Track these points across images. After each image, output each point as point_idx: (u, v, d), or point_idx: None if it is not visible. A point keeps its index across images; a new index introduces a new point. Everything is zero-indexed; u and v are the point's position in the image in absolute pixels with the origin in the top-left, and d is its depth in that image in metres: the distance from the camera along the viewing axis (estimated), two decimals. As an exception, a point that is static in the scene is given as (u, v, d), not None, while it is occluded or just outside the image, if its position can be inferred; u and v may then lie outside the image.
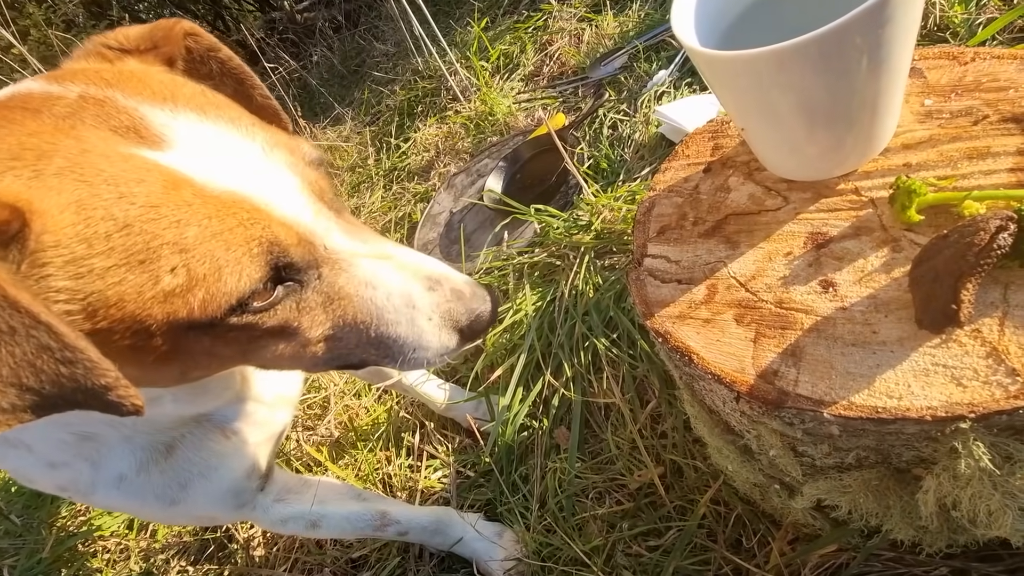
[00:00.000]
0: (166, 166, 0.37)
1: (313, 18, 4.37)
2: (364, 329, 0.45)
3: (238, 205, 0.38)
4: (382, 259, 0.45)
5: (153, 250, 0.35)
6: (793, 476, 0.49)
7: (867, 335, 0.41)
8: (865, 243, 0.46)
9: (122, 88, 0.40)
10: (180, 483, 0.54)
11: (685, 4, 0.45)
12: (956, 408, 0.36)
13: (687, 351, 0.48)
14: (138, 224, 0.35)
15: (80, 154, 0.35)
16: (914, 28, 0.39)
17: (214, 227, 0.36)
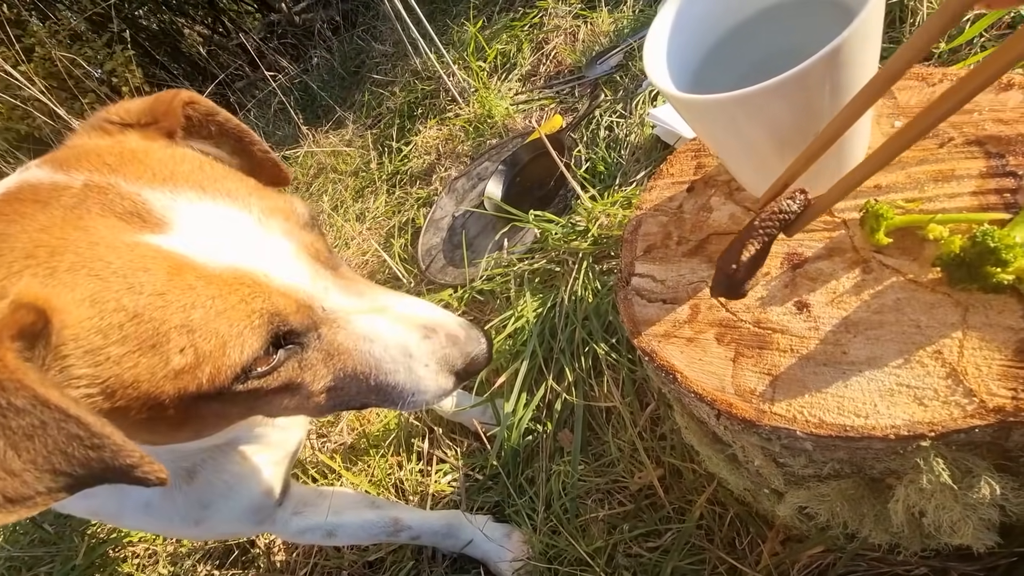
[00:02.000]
0: (168, 251, 0.40)
1: (311, 19, 4.38)
2: (364, 379, 0.48)
3: (239, 281, 0.41)
4: (378, 313, 0.48)
5: (163, 334, 0.38)
6: (776, 485, 0.52)
7: (838, 355, 0.44)
8: (838, 264, 0.48)
9: (124, 173, 0.42)
10: (203, 504, 0.57)
11: (656, 47, 0.47)
12: (917, 427, 0.38)
13: (671, 369, 0.51)
14: (147, 312, 0.38)
15: (89, 247, 0.38)
16: (873, 62, 0.41)
17: (217, 306, 0.39)
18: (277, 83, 3.48)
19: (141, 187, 0.42)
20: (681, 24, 0.49)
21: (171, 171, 0.44)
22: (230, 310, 0.40)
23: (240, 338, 0.40)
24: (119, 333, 0.37)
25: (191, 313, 0.39)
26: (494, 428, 1.05)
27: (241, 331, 0.40)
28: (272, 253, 0.44)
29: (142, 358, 0.38)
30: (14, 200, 0.40)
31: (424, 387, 0.49)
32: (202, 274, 0.40)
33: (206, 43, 5.14)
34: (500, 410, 1.05)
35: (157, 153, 0.46)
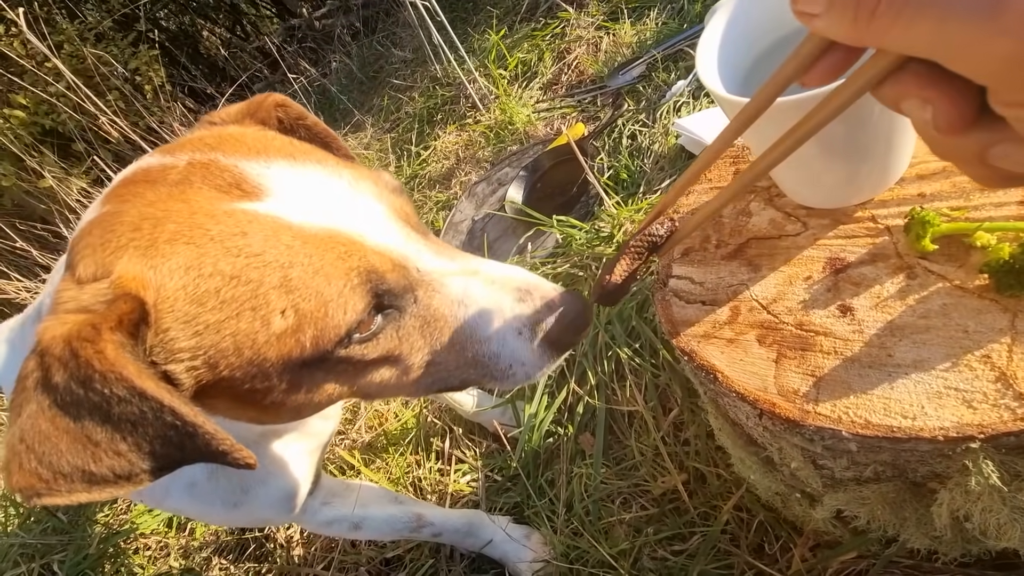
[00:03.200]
0: (265, 214, 0.40)
1: (331, 25, 4.44)
2: (460, 350, 0.47)
3: (334, 240, 0.41)
4: (471, 275, 0.46)
5: (261, 296, 0.38)
6: (813, 487, 0.52)
7: (883, 358, 0.44)
8: (881, 269, 0.48)
9: (223, 149, 0.44)
10: (243, 488, 0.58)
11: (709, 48, 0.48)
12: (967, 429, 0.39)
13: (712, 369, 0.52)
14: (244, 274, 0.38)
15: (189, 217, 0.39)
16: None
17: (315, 264, 0.39)
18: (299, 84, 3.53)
19: (238, 159, 0.43)
20: (732, 32, 0.50)
21: (264, 146, 0.45)
22: (328, 267, 0.40)
23: (341, 297, 0.40)
24: (216, 299, 0.37)
25: (289, 272, 0.38)
26: (514, 430, 1.06)
27: (341, 290, 0.40)
28: (365, 215, 0.44)
29: (242, 323, 0.38)
30: (129, 183, 0.42)
31: (521, 357, 0.47)
32: (298, 234, 0.40)
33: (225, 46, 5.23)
34: (520, 412, 1.05)
35: (252, 134, 0.48)
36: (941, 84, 0.23)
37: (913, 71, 0.24)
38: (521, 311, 0.46)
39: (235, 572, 1.18)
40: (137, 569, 1.40)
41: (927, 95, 0.24)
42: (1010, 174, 0.25)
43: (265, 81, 4.56)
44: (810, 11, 0.25)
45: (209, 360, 0.38)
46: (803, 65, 0.30)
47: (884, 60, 0.25)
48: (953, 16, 0.20)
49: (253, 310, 0.38)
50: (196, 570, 1.28)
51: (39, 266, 2.52)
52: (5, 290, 2.44)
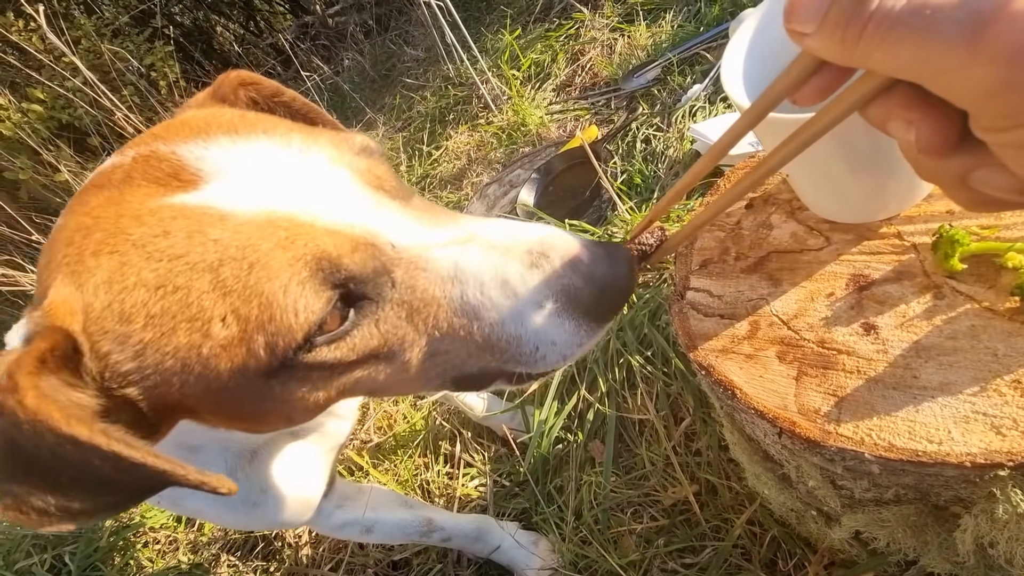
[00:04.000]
0: (194, 206, 0.34)
1: (344, 22, 4.45)
2: (466, 336, 0.38)
3: (272, 225, 0.34)
4: (465, 243, 0.37)
5: (195, 304, 0.32)
6: (831, 507, 0.52)
7: (908, 379, 0.43)
8: (907, 288, 0.47)
9: (164, 137, 0.38)
10: (261, 488, 0.56)
11: (734, 58, 0.48)
12: (995, 456, 0.38)
13: (730, 385, 0.51)
14: (170, 281, 0.32)
15: (115, 221, 0.34)
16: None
17: (249, 258, 0.33)
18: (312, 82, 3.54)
19: (176, 146, 0.37)
20: (758, 42, 0.49)
21: (206, 124, 0.38)
22: (266, 260, 0.33)
23: (288, 295, 0.33)
24: (145, 313, 0.32)
25: (220, 272, 0.32)
26: (523, 435, 1.05)
27: (285, 285, 0.33)
28: (316, 187, 0.36)
29: (180, 337, 0.33)
30: (83, 191, 0.38)
31: (547, 336, 0.37)
32: (229, 225, 0.33)
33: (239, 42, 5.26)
34: (530, 417, 1.05)
35: (198, 115, 0.41)
36: (925, 107, 0.24)
37: (899, 93, 0.25)
38: (537, 279, 0.37)
39: (243, 569, 1.19)
40: (146, 563, 1.41)
41: (911, 117, 0.25)
42: (991, 198, 0.26)
43: (278, 78, 4.58)
44: (801, 30, 0.25)
45: (161, 379, 0.34)
46: (794, 83, 0.30)
47: (872, 81, 0.25)
48: (935, 41, 0.20)
49: (189, 321, 0.33)
50: (204, 565, 1.29)
51: (54, 259, 2.54)
52: (20, 282, 2.47)
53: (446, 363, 0.40)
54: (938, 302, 0.45)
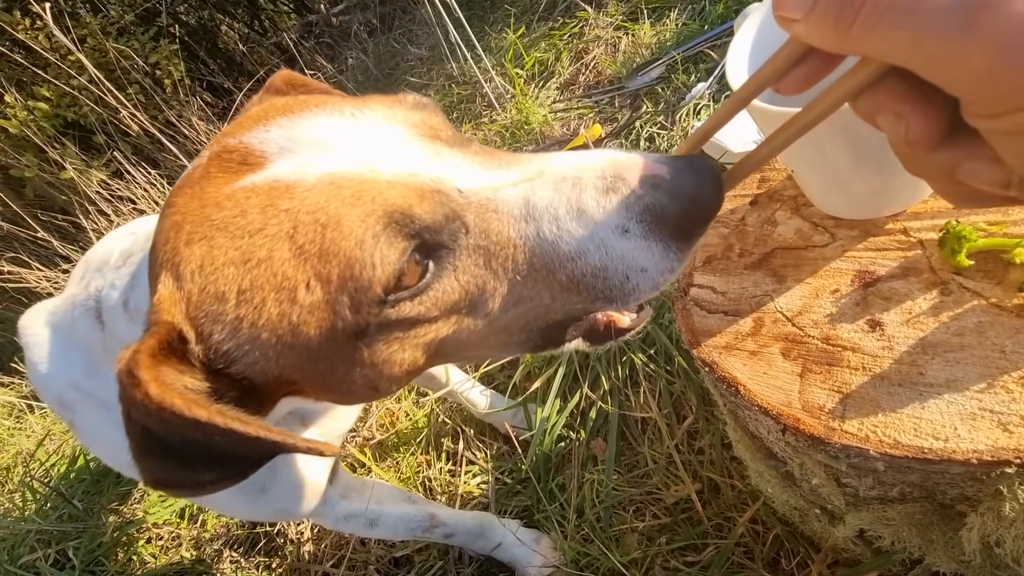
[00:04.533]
0: (263, 183, 0.36)
1: (348, 21, 4.46)
2: (549, 276, 0.37)
3: (337, 186, 0.35)
4: (533, 179, 0.37)
5: (279, 274, 0.34)
6: (835, 505, 0.51)
7: (914, 376, 0.43)
8: (913, 284, 0.47)
9: (231, 133, 0.41)
10: (272, 467, 0.55)
11: (739, 53, 0.47)
12: (1002, 453, 0.37)
13: (734, 382, 0.51)
14: (253, 255, 0.34)
15: (200, 210, 0.37)
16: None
17: (321, 219, 0.34)
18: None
19: (242, 135, 0.39)
20: (762, 37, 0.49)
21: (265, 112, 0.41)
22: (336, 220, 0.34)
23: (363, 249, 0.34)
24: (236, 289, 0.34)
25: (296, 238, 0.34)
26: (525, 432, 1.05)
27: (360, 240, 0.34)
28: (373, 145, 0.37)
29: (269, 308, 0.35)
30: (171, 196, 0.41)
31: (636, 262, 0.36)
32: (296, 193, 0.35)
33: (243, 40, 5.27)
34: (532, 415, 1.05)
35: (257, 108, 0.44)
36: (914, 100, 0.24)
37: (888, 86, 0.25)
38: (615, 203, 0.35)
39: (245, 565, 1.19)
40: (149, 558, 1.41)
41: (900, 110, 0.25)
42: (978, 192, 0.26)
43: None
44: (791, 16, 0.25)
45: (260, 355, 0.36)
46: (778, 71, 0.29)
47: (862, 73, 0.25)
48: (929, 27, 0.20)
49: (276, 291, 0.34)
50: (207, 561, 1.29)
51: (60, 256, 2.56)
52: (27, 279, 2.49)
53: (530, 312, 0.39)
54: (945, 298, 0.45)
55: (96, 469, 1.66)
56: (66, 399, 0.57)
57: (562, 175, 0.37)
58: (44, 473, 1.80)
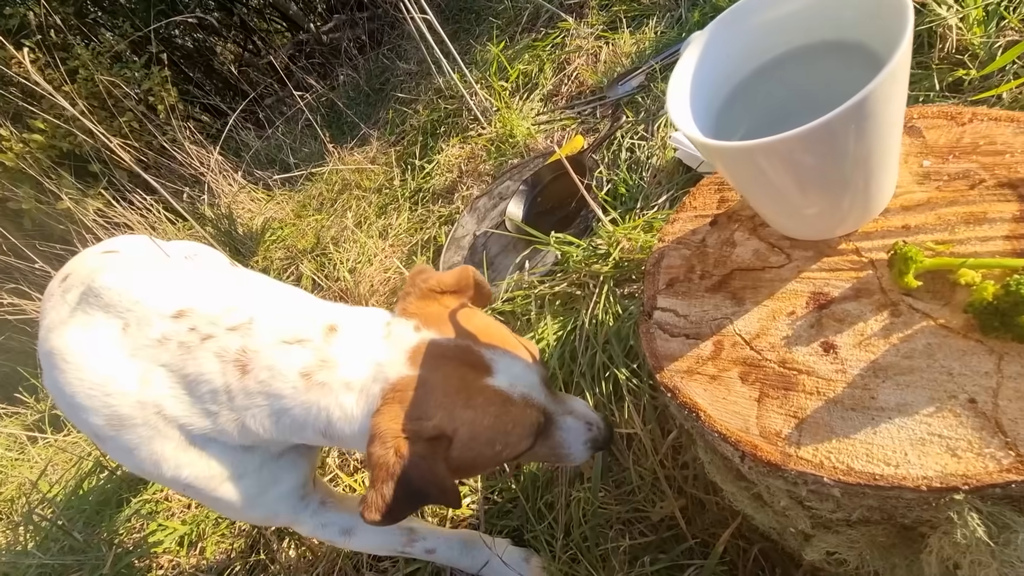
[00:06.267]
0: (497, 388, 0.64)
1: (338, 39, 4.50)
2: (558, 454, 0.72)
3: (527, 404, 0.66)
4: (569, 415, 0.71)
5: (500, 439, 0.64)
6: (803, 526, 0.51)
7: (866, 400, 0.43)
8: (865, 306, 0.47)
9: (471, 338, 0.67)
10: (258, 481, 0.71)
11: (680, 89, 0.48)
12: (951, 480, 0.37)
13: (694, 408, 0.51)
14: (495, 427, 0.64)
15: (467, 388, 0.64)
16: (899, 108, 0.41)
17: (517, 420, 0.65)
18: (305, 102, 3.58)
19: (481, 349, 0.66)
20: (705, 65, 0.49)
21: (489, 336, 0.68)
22: (521, 421, 0.66)
23: (523, 437, 0.66)
24: (478, 438, 0.63)
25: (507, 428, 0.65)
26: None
27: (523, 434, 0.66)
28: (535, 383, 0.68)
29: (486, 449, 0.64)
30: (431, 355, 0.64)
31: (579, 458, 0.73)
32: (511, 400, 0.65)
33: (237, 61, 5.33)
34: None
35: (480, 324, 0.70)
36: None
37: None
38: (588, 436, 0.72)
39: (242, 594, 1.19)
40: (150, 588, 1.42)
41: None
42: None
43: (275, 96, 4.64)
44: None
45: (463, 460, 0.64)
46: None
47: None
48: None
49: (489, 443, 0.64)
50: (206, 590, 1.30)
51: (57, 287, 2.57)
52: (26, 310, 2.51)
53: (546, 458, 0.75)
54: (895, 320, 0.45)
55: (96, 501, 1.68)
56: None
57: (579, 414, 0.73)
58: (46, 504, 1.81)
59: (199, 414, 0.63)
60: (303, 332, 0.64)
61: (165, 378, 0.64)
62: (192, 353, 0.63)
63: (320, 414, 0.62)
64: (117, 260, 0.89)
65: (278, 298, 0.71)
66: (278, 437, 0.65)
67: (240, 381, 0.62)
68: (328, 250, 2.20)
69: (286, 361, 0.62)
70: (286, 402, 0.62)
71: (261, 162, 3.49)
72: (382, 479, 0.57)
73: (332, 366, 0.63)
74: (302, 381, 0.62)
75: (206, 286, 0.71)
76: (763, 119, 0.52)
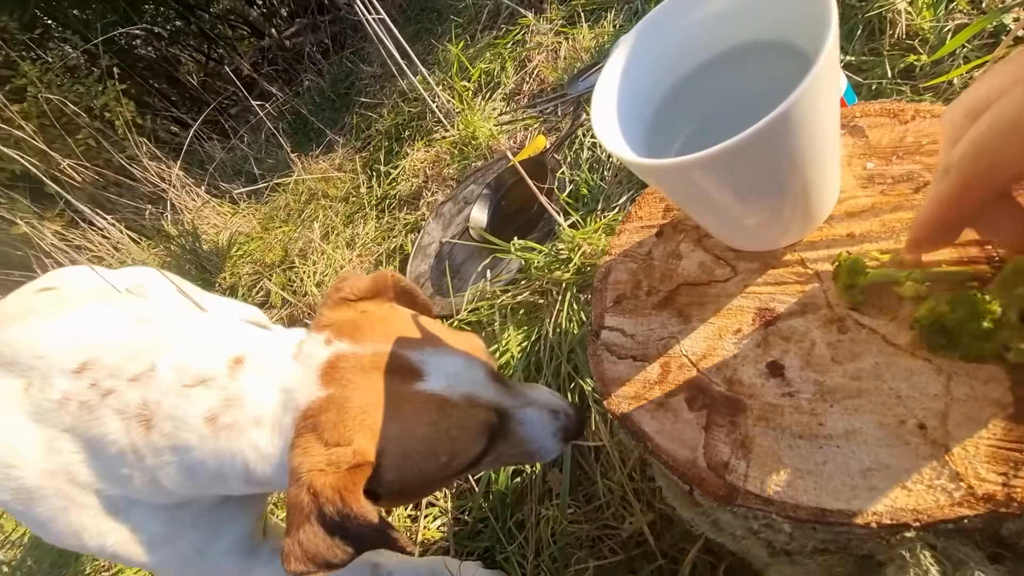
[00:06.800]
0: (428, 392, 0.58)
1: (301, 43, 4.40)
2: (527, 451, 0.66)
3: (470, 404, 0.60)
4: (528, 406, 0.65)
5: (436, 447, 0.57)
6: (759, 555, 0.48)
7: (814, 426, 0.40)
8: (811, 322, 0.44)
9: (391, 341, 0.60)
10: (208, 532, 0.67)
11: (605, 104, 0.44)
12: (901, 515, 0.35)
13: (642, 436, 0.48)
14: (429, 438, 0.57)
15: (391, 400, 0.57)
16: (831, 109, 0.38)
17: (460, 423, 0.59)
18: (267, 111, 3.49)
19: (405, 351, 0.60)
20: (633, 70, 0.46)
21: (415, 337, 0.62)
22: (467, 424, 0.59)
23: (474, 442, 0.60)
24: (411, 454, 0.56)
25: (450, 432, 0.58)
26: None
27: (475, 437, 0.60)
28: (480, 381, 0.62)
29: (427, 463, 0.57)
30: (335, 367, 0.58)
31: (550, 452, 0.67)
32: (449, 403, 0.58)
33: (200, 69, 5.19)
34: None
35: (401, 324, 0.64)
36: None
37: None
38: (555, 426, 0.66)
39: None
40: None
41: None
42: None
43: (240, 105, 4.53)
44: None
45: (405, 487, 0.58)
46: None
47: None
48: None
49: (428, 455, 0.57)
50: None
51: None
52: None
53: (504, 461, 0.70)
54: (842, 337, 0.42)
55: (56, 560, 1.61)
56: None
57: (542, 403, 0.67)
58: (11, 546, 1.74)
59: (112, 479, 0.58)
60: (206, 371, 0.58)
61: (70, 443, 0.58)
62: (94, 413, 0.57)
63: (235, 460, 0.56)
64: (45, 301, 0.83)
65: (184, 335, 0.64)
66: (202, 492, 0.59)
67: (145, 438, 0.56)
68: (295, 264, 2.14)
69: (188, 408, 0.56)
70: (196, 454, 0.56)
71: (227, 174, 3.40)
72: (297, 524, 0.50)
73: (238, 403, 0.56)
74: (208, 427, 0.55)
75: (112, 331, 0.65)
76: (708, 118, 0.49)
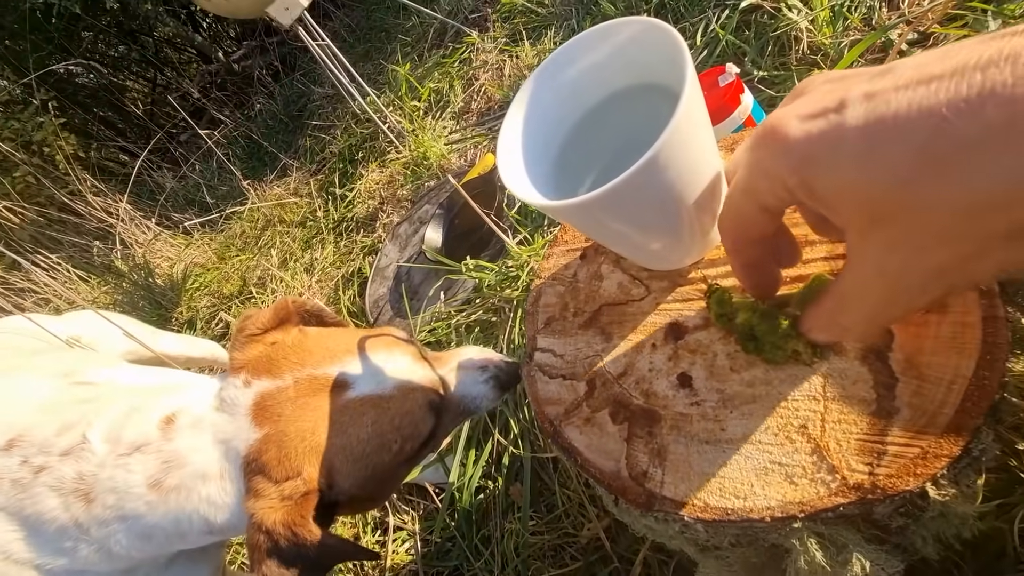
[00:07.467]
0: (359, 396, 0.61)
1: (250, 66, 4.34)
2: (467, 410, 0.71)
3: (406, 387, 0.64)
4: (458, 369, 0.71)
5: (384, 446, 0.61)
6: (690, 552, 0.52)
7: (717, 432, 0.44)
8: (714, 335, 0.48)
9: (308, 364, 0.62)
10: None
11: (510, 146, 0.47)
12: (789, 508, 0.39)
13: (573, 451, 0.51)
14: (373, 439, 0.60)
15: (324, 419, 0.59)
16: (707, 140, 0.42)
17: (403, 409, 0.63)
18: (220, 134, 3.43)
19: (324, 368, 0.62)
20: (532, 122, 0.49)
21: (331, 352, 0.64)
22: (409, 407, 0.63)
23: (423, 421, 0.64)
24: (360, 460, 0.60)
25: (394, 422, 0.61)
26: (446, 485, 1.04)
27: (423, 417, 0.64)
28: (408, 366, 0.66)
29: (380, 457, 0.61)
30: (264, 407, 0.59)
31: (489, 400, 0.72)
32: (384, 398, 0.62)
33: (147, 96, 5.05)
34: (450, 467, 1.03)
35: (313, 343, 0.65)
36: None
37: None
38: (484, 377, 0.72)
39: None
40: None
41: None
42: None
43: (191, 131, 4.43)
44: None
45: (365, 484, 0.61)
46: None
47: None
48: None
49: (379, 449, 0.61)
50: None
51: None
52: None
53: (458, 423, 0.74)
54: (738, 347, 0.46)
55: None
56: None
57: (467, 367, 0.72)
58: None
59: (53, 553, 0.57)
60: (139, 436, 0.58)
61: (6, 522, 0.57)
62: (27, 491, 0.57)
63: (193, 518, 0.57)
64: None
65: (115, 399, 0.64)
66: (162, 551, 0.60)
67: (87, 511, 0.56)
68: (254, 293, 2.11)
69: (128, 477, 0.56)
70: (148, 519, 0.56)
71: (179, 204, 3.33)
72: (257, 561, 0.53)
73: (179, 464, 0.57)
74: (154, 493, 0.56)
75: (43, 399, 0.64)
76: (620, 151, 0.52)
